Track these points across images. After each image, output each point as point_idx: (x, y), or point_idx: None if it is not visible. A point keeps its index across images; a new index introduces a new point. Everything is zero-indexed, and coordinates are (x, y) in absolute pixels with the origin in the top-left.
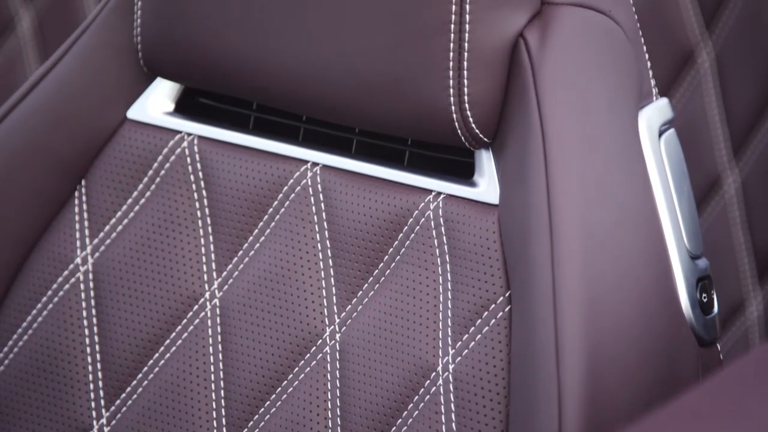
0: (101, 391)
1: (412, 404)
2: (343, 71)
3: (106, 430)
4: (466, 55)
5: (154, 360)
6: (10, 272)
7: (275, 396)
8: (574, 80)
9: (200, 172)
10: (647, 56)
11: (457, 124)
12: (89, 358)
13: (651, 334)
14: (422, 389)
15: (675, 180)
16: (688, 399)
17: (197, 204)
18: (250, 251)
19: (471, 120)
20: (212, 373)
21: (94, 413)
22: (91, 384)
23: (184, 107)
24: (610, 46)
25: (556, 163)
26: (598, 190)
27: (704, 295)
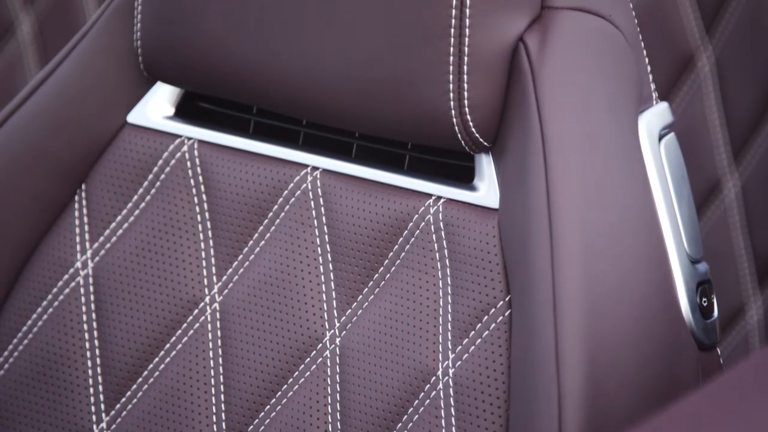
0: (101, 395)
1: (412, 408)
2: (343, 75)
3: None
4: (466, 59)
5: (154, 364)
6: (10, 276)
7: (275, 400)
8: (574, 84)
9: (200, 177)
10: (647, 60)
11: (457, 128)
12: (89, 362)
13: (651, 338)
14: (422, 393)
15: (675, 184)
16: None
17: (197, 208)
18: (250, 255)
19: (471, 124)
20: (212, 377)
21: (94, 417)
22: (92, 388)
23: (185, 111)
24: (610, 50)
25: (556, 167)
26: (598, 193)
27: (704, 299)
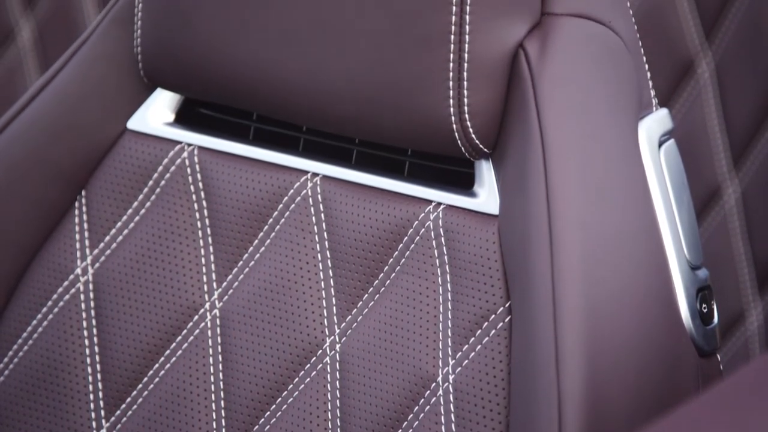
0: (101, 402)
1: (412, 415)
2: (342, 82)
3: None
4: (465, 65)
5: (154, 370)
6: (11, 283)
7: (275, 406)
8: (574, 91)
9: (200, 183)
10: (647, 66)
11: (457, 135)
12: (89, 369)
13: (651, 344)
14: (422, 400)
15: (675, 190)
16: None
17: (197, 214)
18: (250, 261)
19: (471, 130)
20: (212, 383)
21: (94, 424)
22: (92, 394)
23: (185, 118)
24: (610, 57)
25: (555, 173)
26: (598, 200)
27: (704, 305)
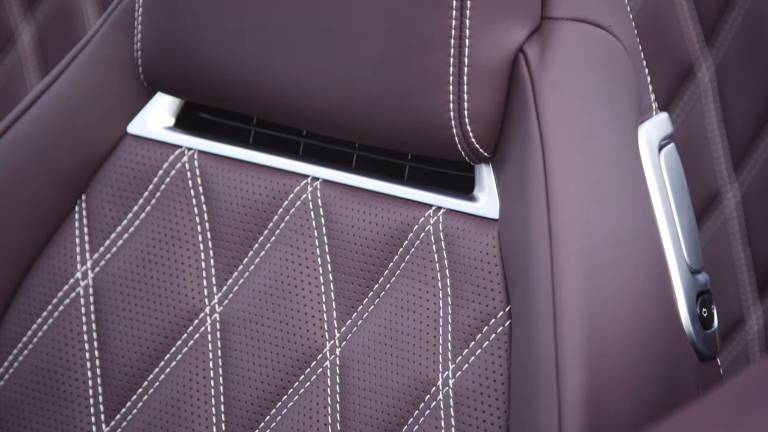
0: (101, 406)
1: (412, 419)
2: (342, 86)
3: None
4: (466, 69)
5: (155, 374)
6: (11, 287)
7: (275, 410)
8: (574, 95)
9: (200, 187)
10: (647, 71)
11: (457, 139)
12: (89, 373)
13: (651, 348)
14: (422, 404)
15: (675, 194)
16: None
17: (197, 218)
18: (250, 266)
19: (471, 135)
20: (212, 387)
21: (94, 428)
22: (92, 399)
23: (185, 122)
24: (610, 61)
25: (555, 177)
26: (598, 205)
27: (704, 309)
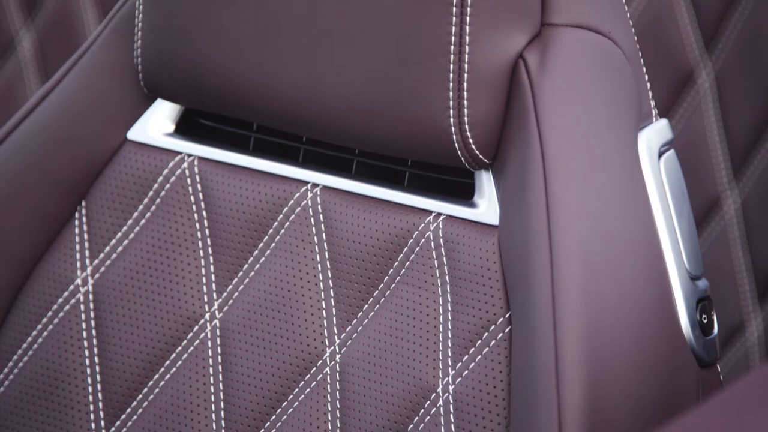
0: (101, 412)
1: (412, 425)
2: (342, 92)
3: None
4: (466, 76)
5: (154, 381)
6: (11, 293)
7: (275, 417)
8: (574, 101)
9: (200, 193)
10: (647, 77)
11: (457, 146)
12: (89, 379)
13: (651, 355)
14: (422, 410)
15: (675, 201)
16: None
17: (197, 225)
18: (250, 272)
19: (471, 141)
20: (212, 393)
21: None
22: (92, 405)
23: (185, 128)
24: (610, 67)
25: (555, 183)
26: (598, 211)
27: (704, 316)
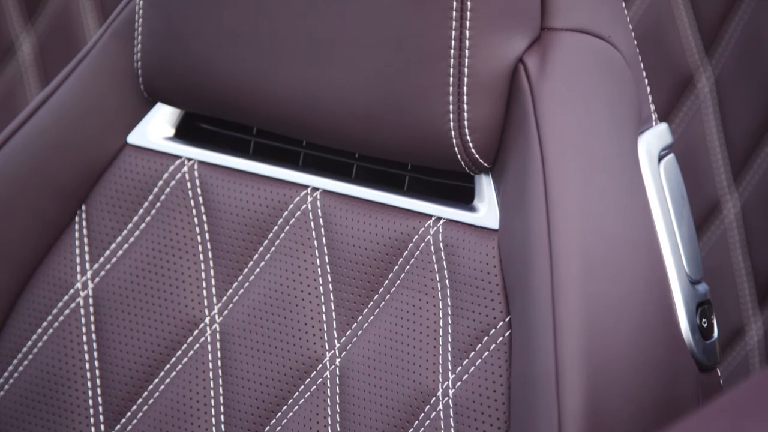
0: (101, 417)
1: (412, 429)
2: (342, 96)
3: None
4: (465, 80)
5: (155, 385)
6: (11, 297)
7: (275, 421)
8: (574, 105)
9: (200, 197)
10: (647, 81)
11: (456, 150)
12: (89, 384)
13: (651, 358)
14: (422, 414)
15: (675, 205)
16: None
17: (197, 229)
18: (250, 276)
19: (471, 145)
20: (212, 398)
21: None
22: (92, 409)
23: (185, 132)
24: (610, 72)
25: (555, 187)
26: (598, 215)
27: (704, 320)
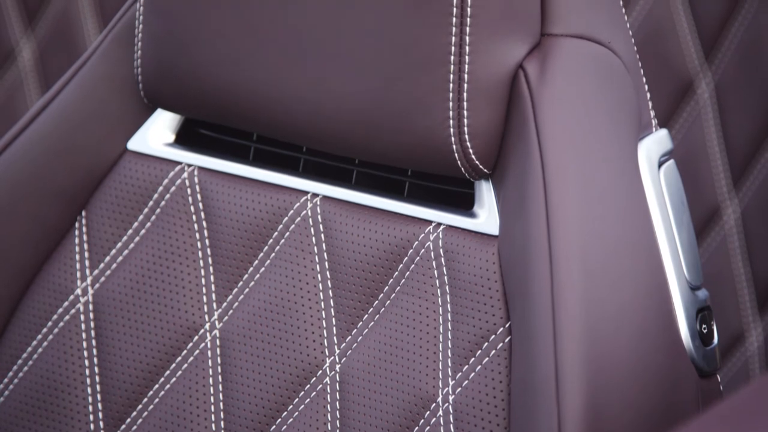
0: (101, 422)
1: None
2: (342, 102)
3: None
4: (465, 86)
5: (154, 391)
6: (11, 303)
7: (275, 427)
8: (574, 111)
9: (200, 203)
10: (647, 87)
11: (456, 156)
12: (89, 389)
13: (651, 364)
14: (422, 420)
15: (675, 211)
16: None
17: (197, 235)
18: (250, 282)
19: (471, 151)
20: (212, 404)
21: None
22: (92, 415)
23: (185, 138)
24: (610, 78)
25: (555, 193)
26: (598, 220)
27: (704, 326)
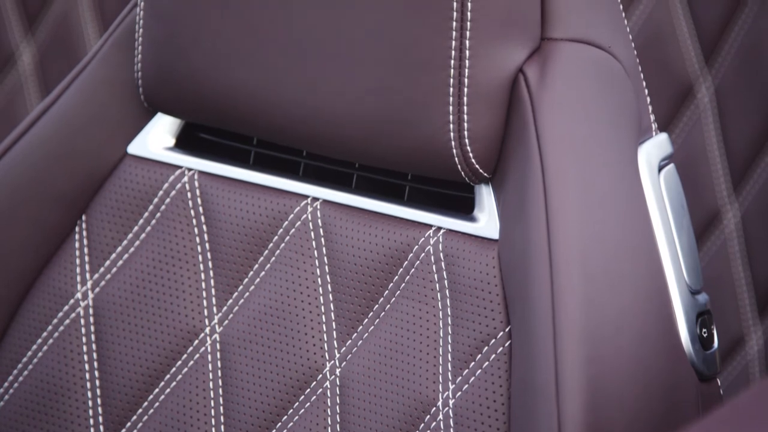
0: (101, 427)
1: None
2: (342, 107)
3: None
4: (465, 90)
5: (154, 395)
6: (11, 307)
7: (275, 431)
8: (574, 115)
9: (201, 207)
10: (647, 91)
11: (456, 160)
12: (89, 394)
13: (651, 368)
14: (422, 424)
15: (675, 215)
16: None
17: (197, 239)
18: (250, 286)
19: (471, 155)
20: (212, 408)
21: None
22: (92, 419)
23: (185, 142)
24: (610, 82)
25: (555, 197)
26: (598, 224)
27: (704, 330)
